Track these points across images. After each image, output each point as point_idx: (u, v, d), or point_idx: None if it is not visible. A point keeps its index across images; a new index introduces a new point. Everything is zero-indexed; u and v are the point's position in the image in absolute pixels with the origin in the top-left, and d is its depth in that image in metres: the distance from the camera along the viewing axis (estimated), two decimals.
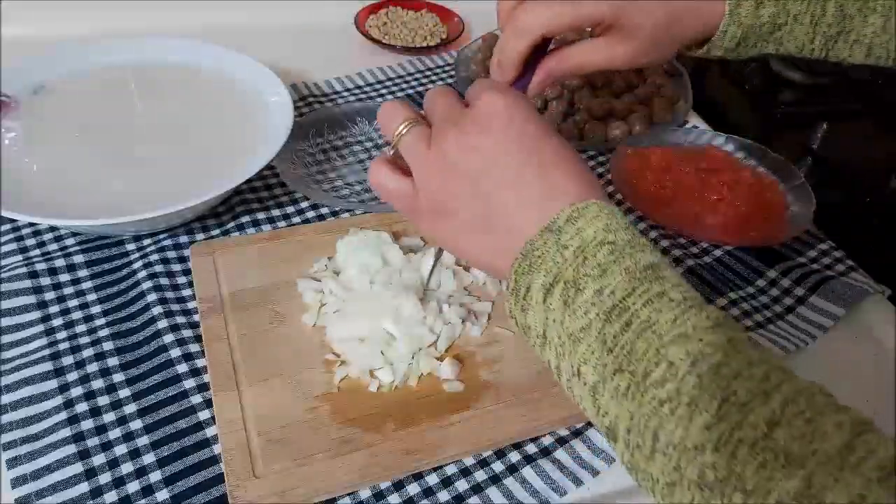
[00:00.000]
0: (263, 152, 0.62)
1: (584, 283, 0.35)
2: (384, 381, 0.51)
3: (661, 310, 0.33)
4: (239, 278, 0.57)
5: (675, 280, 0.35)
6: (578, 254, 0.36)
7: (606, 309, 0.34)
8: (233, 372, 0.50)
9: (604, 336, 0.34)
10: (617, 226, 0.36)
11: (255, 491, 0.44)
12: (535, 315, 0.37)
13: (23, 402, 0.49)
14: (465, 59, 0.87)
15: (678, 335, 0.32)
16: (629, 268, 0.35)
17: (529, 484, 0.48)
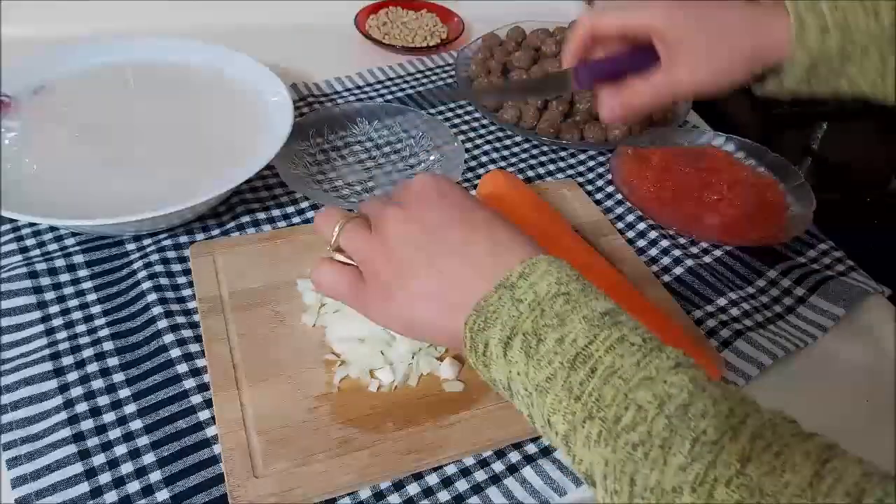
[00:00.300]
0: (263, 152, 0.62)
1: (545, 333, 0.36)
2: (384, 381, 0.51)
3: (623, 355, 0.34)
4: (239, 278, 0.57)
5: (631, 324, 0.36)
6: (535, 306, 0.36)
7: (570, 357, 0.35)
8: (233, 372, 0.50)
9: (570, 384, 0.34)
10: (568, 278, 0.37)
11: (254, 491, 0.44)
12: (498, 369, 0.37)
13: (23, 402, 0.49)
14: (465, 59, 0.87)
15: (643, 378, 0.33)
16: (587, 315, 0.36)
17: (529, 484, 0.48)
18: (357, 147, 0.75)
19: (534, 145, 0.78)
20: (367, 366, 0.51)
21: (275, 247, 0.60)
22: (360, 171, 0.72)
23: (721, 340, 0.58)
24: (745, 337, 0.58)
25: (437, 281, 0.40)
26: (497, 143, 0.78)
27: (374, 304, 0.42)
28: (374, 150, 0.74)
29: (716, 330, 0.59)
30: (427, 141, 0.75)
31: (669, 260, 0.65)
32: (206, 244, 0.60)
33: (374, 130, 0.76)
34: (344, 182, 0.70)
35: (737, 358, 0.57)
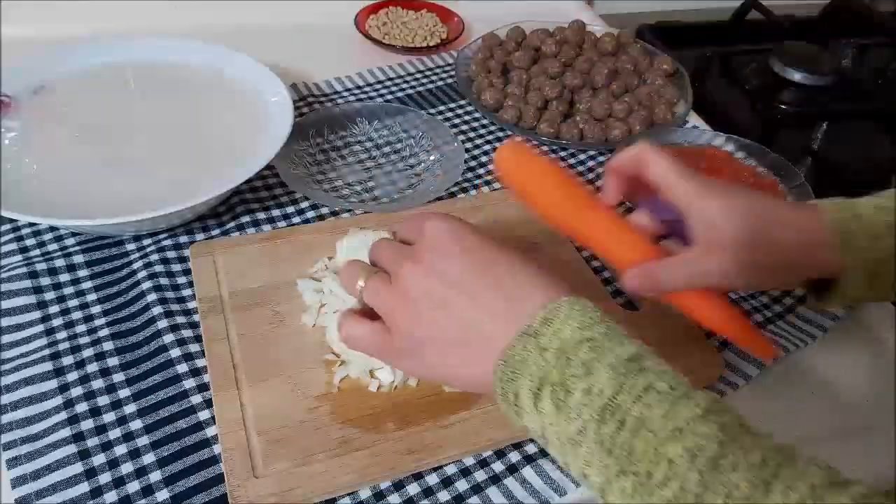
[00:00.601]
0: (263, 152, 0.62)
1: (572, 384, 0.35)
2: (384, 381, 0.51)
3: (651, 405, 0.34)
4: (239, 278, 0.57)
5: (658, 369, 0.35)
6: (560, 355, 0.36)
7: (598, 409, 0.35)
8: (233, 372, 0.50)
9: (601, 437, 0.34)
10: (591, 321, 0.37)
11: (255, 491, 0.44)
12: (531, 418, 0.37)
13: (23, 402, 0.49)
14: (464, 59, 0.87)
15: (673, 430, 0.33)
16: (612, 363, 0.35)
17: (529, 484, 0.48)
18: (357, 147, 0.75)
19: (534, 145, 0.78)
20: (367, 366, 0.51)
21: (275, 247, 0.60)
22: (360, 171, 0.72)
23: (721, 340, 0.58)
24: None
25: (461, 333, 0.40)
26: (497, 143, 0.78)
27: (403, 358, 0.43)
28: (374, 150, 0.74)
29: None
30: (427, 141, 0.75)
31: None
32: (206, 244, 0.60)
33: (374, 130, 0.76)
34: (344, 182, 0.70)
35: (737, 358, 0.57)
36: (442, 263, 0.41)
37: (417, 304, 0.41)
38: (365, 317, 0.44)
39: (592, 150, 0.78)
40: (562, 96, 0.81)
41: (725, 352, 0.57)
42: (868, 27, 1.14)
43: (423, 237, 0.42)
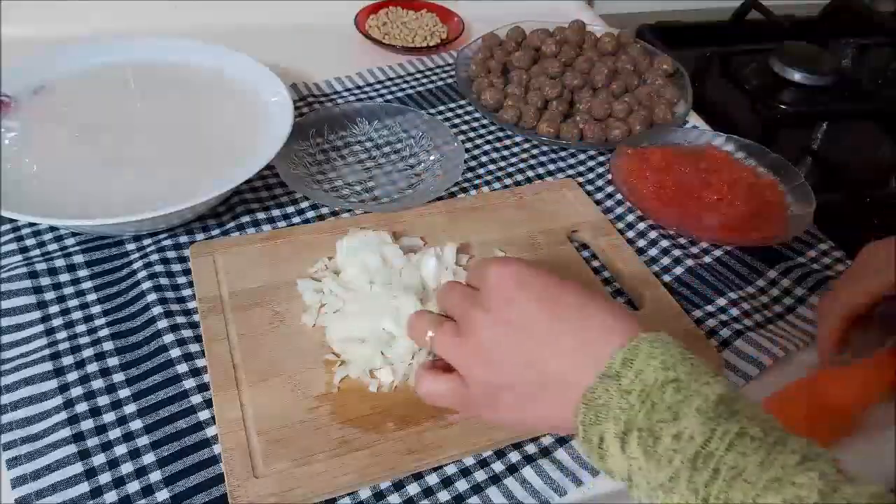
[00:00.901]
0: (263, 152, 0.62)
1: (660, 430, 0.35)
2: (384, 382, 0.51)
3: (745, 453, 0.33)
4: (239, 278, 0.57)
5: (749, 412, 0.34)
6: (645, 398, 0.35)
7: (690, 456, 0.34)
8: (233, 372, 0.50)
9: (695, 485, 0.33)
10: (673, 359, 0.36)
11: (255, 491, 0.44)
12: (616, 462, 0.37)
13: (22, 401, 0.49)
14: (465, 59, 0.87)
15: (770, 480, 0.32)
16: (700, 407, 0.34)
17: (529, 484, 0.48)
18: (357, 147, 0.75)
19: (534, 145, 0.78)
20: (368, 366, 0.51)
21: (275, 247, 0.60)
22: (360, 171, 0.72)
23: (721, 340, 0.58)
24: (745, 337, 0.58)
25: (538, 379, 0.39)
26: (497, 143, 0.78)
27: (483, 410, 0.43)
28: (374, 150, 0.74)
29: (716, 330, 0.59)
30: (427, 141, 0.75)
31: (669, 260, 0.65)
32: (205, 244, 0.60)
33: (374, 130, 0.76)
34: (344, 182, 0.70)
35: (737, 358, 0.57)
36: (510, 311, 0.40)
37: (490, 354, 0.40)
38: (437, 368, 0.44)
39: (592, 150, 0.78)
40: (562, 96, 0.81)
41: (726, 352, 0.57)
42: (868, 27, 1.13)
43: (487, 284, 0.42)
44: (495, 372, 0.40)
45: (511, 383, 0.40)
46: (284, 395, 0.49)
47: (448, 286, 0.46)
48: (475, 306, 0.42)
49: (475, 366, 0.41)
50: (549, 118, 0.78)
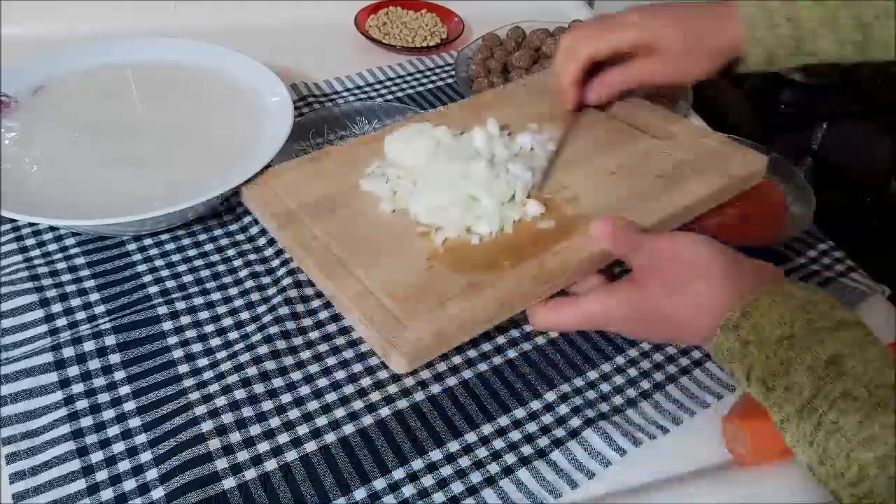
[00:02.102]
0: (263, 152, 0.62)
1: (773, 382, 0.39)
2: (483, 233, 0.53)
3: (846, 411, 0.36)
4: (300, 194, 0.57)
5: (857, 371, 0.37)
6: (761, 350, 0.40)
7: (797, 407, 0.38)
8: (336, 260, 0.51)
9: (802, 431, 0.37)
10: (792, 314, 0.40)
11: (411, 336, 0.44)
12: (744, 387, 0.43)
13: (22, 394, 0.49)
14: (465, 59, 0.87)
15: (866, 439, 0.35)
16: (811, 365, 0.38)
17: (524, 485, 0.48)
18: None
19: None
20: (461, 224, 0.53)
21: (320, 165, 0.61)
22: None
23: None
24: None
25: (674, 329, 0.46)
26: None
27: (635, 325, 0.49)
28: None
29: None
30: None
31: None
32: (253, 183, 0.59)
33: (374, 130, 0.76)
34: None
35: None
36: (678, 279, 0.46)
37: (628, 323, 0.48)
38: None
39: None
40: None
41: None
42: None
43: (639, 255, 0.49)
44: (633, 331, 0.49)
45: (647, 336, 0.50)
46: (396, 267, 0.50)
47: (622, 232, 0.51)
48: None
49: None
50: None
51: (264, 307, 0.58)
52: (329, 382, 0.53)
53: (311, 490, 0.46)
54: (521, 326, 0.58)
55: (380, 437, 0.50)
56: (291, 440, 0.49)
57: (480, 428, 0.51)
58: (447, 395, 0.53)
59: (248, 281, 0.60)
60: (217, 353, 0.54)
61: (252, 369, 0.52)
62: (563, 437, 0.50)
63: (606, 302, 0.48)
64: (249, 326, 0.56)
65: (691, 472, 0.50)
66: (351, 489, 0.47)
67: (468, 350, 0.56)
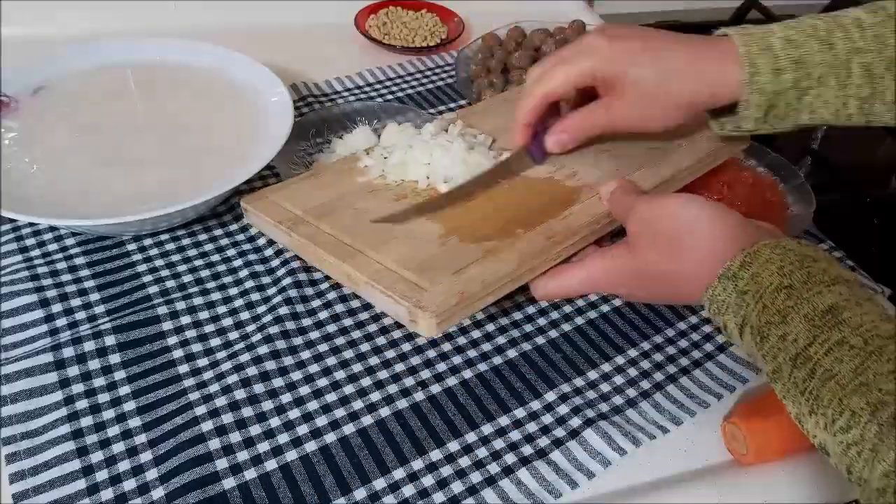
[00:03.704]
0: (263, 152, 0.62)
1: (768, 331, 0.38)
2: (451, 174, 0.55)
3: (842, 359, 0.35)
4: (303, 203, 0.55)
5: (854, 322, 0.36)
6: (758, 300, 0.39)
7: (791, 356, 0.37)
8: (350, 248, 0.50)
9: (794, 380, 0.37)
10: (791, 266, 0.39)
11: (436, 299, 0.44)
12: (737, 342, 0.42)
13: (22, 394, 0.49)
14: (465, 59, 0.87)
15: (859, 385, 0.34)
16: (808, 314, 0.37)
17: (524, 485, 0.48)
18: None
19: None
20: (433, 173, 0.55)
21: (316, 179, 0.59)
22: None
23: (723, 340, 0.58)
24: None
25: (671, 287, 0.46)
26: None
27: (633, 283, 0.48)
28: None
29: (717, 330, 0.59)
30: None
31: None
32: (253, 195, 0.57)
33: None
34: None
35: (737, 358, 0.57)
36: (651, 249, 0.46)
37: (627, 285, 0.48)
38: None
39: None
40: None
41: (728, 351, 0.57)
42: None
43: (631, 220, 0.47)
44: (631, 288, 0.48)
45: (646, 296, 0.49)
46: (410, 245, 0.49)
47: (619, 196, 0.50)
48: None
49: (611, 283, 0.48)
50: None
51: (264, 307, 0.58)
52: (329, 382, 0.53)
53: (311, 490, 0.46)
54: (521, 326, 0.58)
55: (380, 437, 0.50)
56: (291, 440, 0.49)
57: (480, 428, 0.51)
58: (447, 395, 0.53)
59: (248, 281, 0.60)
60: (217, 353, 0.54)
61: (252, 369, 0.52)
62: (563, 437, 0.50)
63: (603, 264, 0.48)
64: (249, 326, 0.56)
65: (691, 472, 0.50)
66: (351, 489, 0.47)
67: (468, 350, 0.56)
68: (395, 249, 0.49)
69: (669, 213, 0.45)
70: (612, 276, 0.48)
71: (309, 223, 0.53)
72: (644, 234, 0.46)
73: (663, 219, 0.45)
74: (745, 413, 0.51)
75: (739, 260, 0.40)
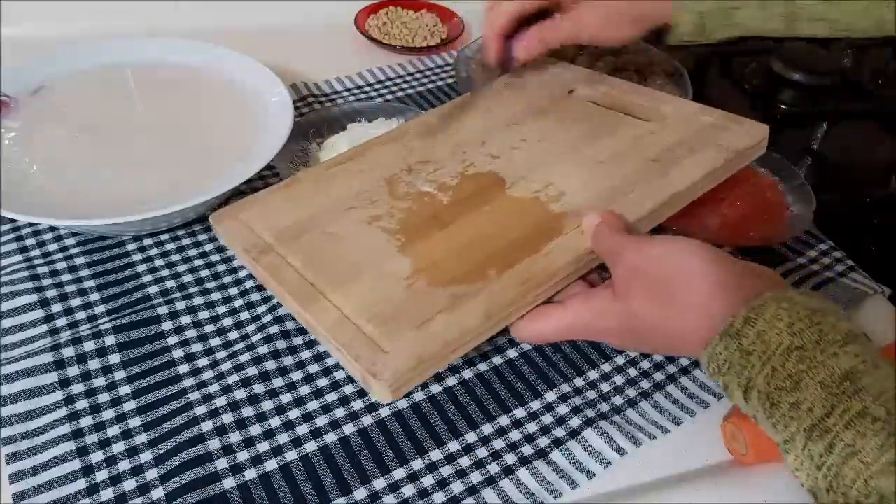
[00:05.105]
0: (263, 152, 0.62)
1: (778, 397, 0.35)
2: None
3: (864, 433, 0.32)
4: (275, 222, 0.54)
5: (875, 389, 0.33)
6: (765, 361, 0.35)
7: (806, 427, 0.34)
8: (311, 288, 0.48)
9: (809, 452, 0.34)
10: (801, 324, 0.35)
11: (395, 362, 0.41)
12: (741, 404, 0.38)
13: (22, 394, 0.49)
14: (465, 59, 0.87)
15: (886, 464, 0.31)
16: (824, 381, 0.34)
17: (524, 485, 0.48)
18: None
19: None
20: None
21: (290, 190, 0.58)
22: None
23: None
24: None
25: (663, 340, 0.42)
26: None
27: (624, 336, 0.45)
28: None
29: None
30: None
31: None
32: (223, 211, 0.56)
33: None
34: None
35: None
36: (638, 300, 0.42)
37: (614, 334, 0.45)
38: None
39: None
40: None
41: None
42: None
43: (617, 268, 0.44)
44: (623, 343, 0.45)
45: (638, 347, 0.46)
46: (375, 286, 0.47)
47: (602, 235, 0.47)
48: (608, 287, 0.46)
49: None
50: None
51: (264, 307, 0.58)
52: (329, 382, 0.53)
53: (311, 490, 0.46)
54: None
55: (380, 437, 0.50)
56: (291, 440, 0.49)
57: (480, 428, 0.51)
58: (447, 395, 0.53)
59: (248, 281, 0.60)
60: (217, 353, 0.54)
61: (252, 369, 0.52)
62: (563, 437, 0.50)
63: (588, 311, 0.44)
64: (249, 326, 0.56)
65: (691, 472, 0.50)
66: (351, 489, 0.47)
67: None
68: (359, 291, 0.47)
69: (661, 259, 0.42)
70: (597, 325, 0.44)
71: (276, 251, 0.51)
72: (632, 280, 0.43)
73: (655, 265, 0.42)
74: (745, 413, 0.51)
75: (743, 315, 0.37)
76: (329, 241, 0.51)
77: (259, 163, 0.61)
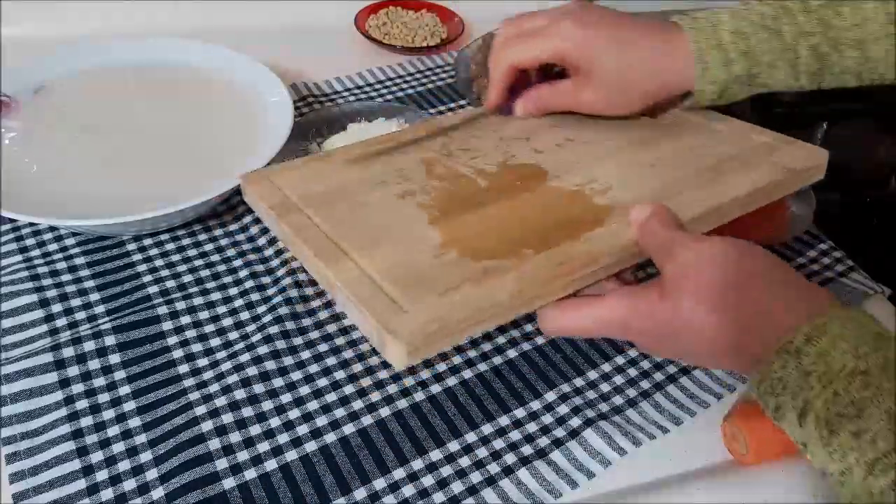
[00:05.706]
0: (263, 152, 0.62)
1: (839, 424, 0.32)
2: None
3: None
4: (304, 187, 0.52)
5: None
6: (826, 384, 0.33)
7: (868, 460, 0.31)
8: (334, 247, 0.45)
9: (868, 487, 0.31)
10: (867, 346, 0.33)
11: (410, 324, 0.38)
12: (791, 428, 0.35)
13: (22, 394, 0.50)
14: (465, 59, 0.87)
15: None
16: (891, 410, 0.31)
17: (524, 485, 0.48)
18: None
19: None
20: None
21: (323, 164, 0.55)
22: None
23: None
24: None
25: (707, 349, 0.38)
26: None
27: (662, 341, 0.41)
28: None
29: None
30: None
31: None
32: (255, 172, 0.54)
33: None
34: None
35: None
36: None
37: (649, 338, 0.41)
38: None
39: None
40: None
41: None
42: None
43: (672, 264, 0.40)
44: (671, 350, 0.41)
45: (684, 356, 0.41)
46: (404, 251, 0.44)
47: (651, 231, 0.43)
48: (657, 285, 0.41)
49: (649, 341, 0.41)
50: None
51: (264, 307, 0.58)
52: (329, 382, 0.53)
53: (311, 490, 0.46)
54: (521, 326, 0.58)
55: (380, 437, 0.50)
56: (291, 440, 0.49)
57: (480, 428, 0.51)
58: (447, 395, 0.53)
59: (248, 281, 0.60)
60: (217, 353, 0.54)
61: (252, 369, 0.52)
62: (563, 437, 0.50)
63: (630, 306, 0.40)
64: (249, 326, 0.56)
65: (691, 472, 0.50)
66: (351, 489, 0.47)
67: (468, 350, 0.56)
68: (385, 254, 0.44)
69: (720, 260, 0.38)
70: (634, 324, 0.40)
71: (301, 212, 0.49)
72: (684, 280, 0.39)
73: (712, 265, 0.38)
74: (745, 413, 0.51)
75: (805, 332, 0.34)
76: (359, 209, 0.49)
77: (259, 163, 0.61)
